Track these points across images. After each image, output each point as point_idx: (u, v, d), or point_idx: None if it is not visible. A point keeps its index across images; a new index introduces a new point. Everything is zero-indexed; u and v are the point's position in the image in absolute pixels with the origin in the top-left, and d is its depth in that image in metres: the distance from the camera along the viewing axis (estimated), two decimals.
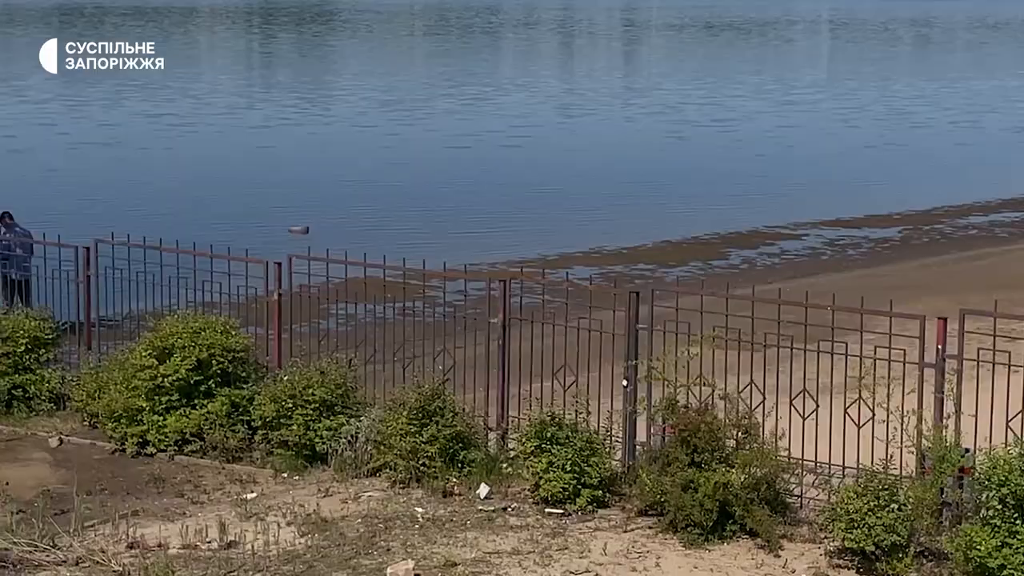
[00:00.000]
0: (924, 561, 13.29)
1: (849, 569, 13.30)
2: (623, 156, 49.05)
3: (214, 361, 16.50)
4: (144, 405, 16.68)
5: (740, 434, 14.33)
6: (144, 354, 16.72)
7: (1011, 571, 12.24)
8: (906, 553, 13.10)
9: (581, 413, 15.06)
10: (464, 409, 15.94)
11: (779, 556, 13.59)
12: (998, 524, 12.50)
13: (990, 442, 13.40)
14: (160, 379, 16.51)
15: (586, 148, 50.80)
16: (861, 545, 13.06)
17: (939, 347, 14.02)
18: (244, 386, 16.74)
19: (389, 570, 12.95)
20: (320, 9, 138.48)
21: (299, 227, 33.86)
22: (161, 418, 16.63)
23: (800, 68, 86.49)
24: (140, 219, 30.83)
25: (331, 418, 16.02)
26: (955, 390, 13.87)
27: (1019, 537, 12.30)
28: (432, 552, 13.59)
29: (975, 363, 14.03)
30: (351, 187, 41.57)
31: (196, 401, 16.62)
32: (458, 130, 53.91)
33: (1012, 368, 13.96)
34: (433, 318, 17.22)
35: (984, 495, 12.76)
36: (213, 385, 16.59)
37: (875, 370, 14.19)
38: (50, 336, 18.55)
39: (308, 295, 17.55)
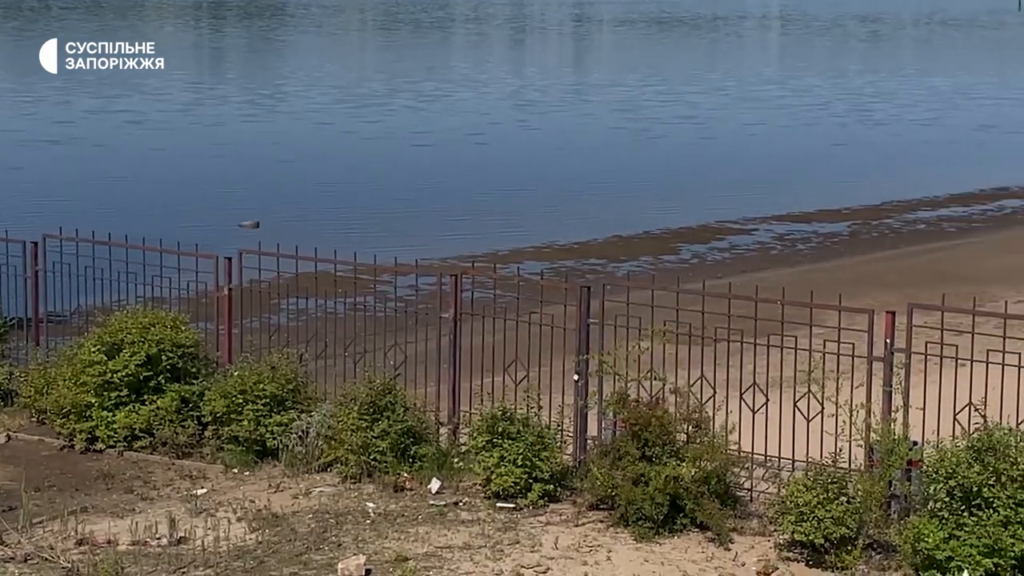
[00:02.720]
0: (873, 553, 13.38)
1: (799, 562, 13.38)
2: (576, 152, 49.01)
3: (164, 356, 16.43)
4: (93, 401, 16.59)
5: (691, 428, 14.38)
6: (93, 350, 16.63)
7: (958, 563, 12.34)
8: (855, 545, 13.19)
9: (532, 408, 15.08)
10: (415, 404, 15.92)
11: (729, 549, 13.65)
12: (946, 516, 12.61)
13: (938, 435, 13.52)
14: (109, 375, 16.42)
15: (542, 145, 50.76)
16: (810, 538, 13.14)
17: (887, 341, 14.12)
18: (194, 382, 16.68)
19: (340, 565, 12.93)
20: (266, 3, 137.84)
21: (250, 222, 33.76)
22: (110, 414, 16.54)
23: (755, 64, 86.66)
24: (91, 214, 30.60)
25: (282, 413, 15.99)
26: (903, 384, 13.98)
27: (966, 529, 12.40)
28: (383, 547, 13.58)
29: (923, 357, 14.15)
30: (303, 183, 41.42)
31: (146, 397, 16.54)
32: (412, 127, 53.70)
33: (959, 362, 14.08)
34: (384, 313, 17.19)
35: (932, 488, 12.87)
36: (163, 381, 16.52)
37: (824, 364, 14.29)
38: None
39: (259, 290, 17.49)
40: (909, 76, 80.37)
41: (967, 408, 13.58)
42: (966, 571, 12.28)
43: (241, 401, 15.98)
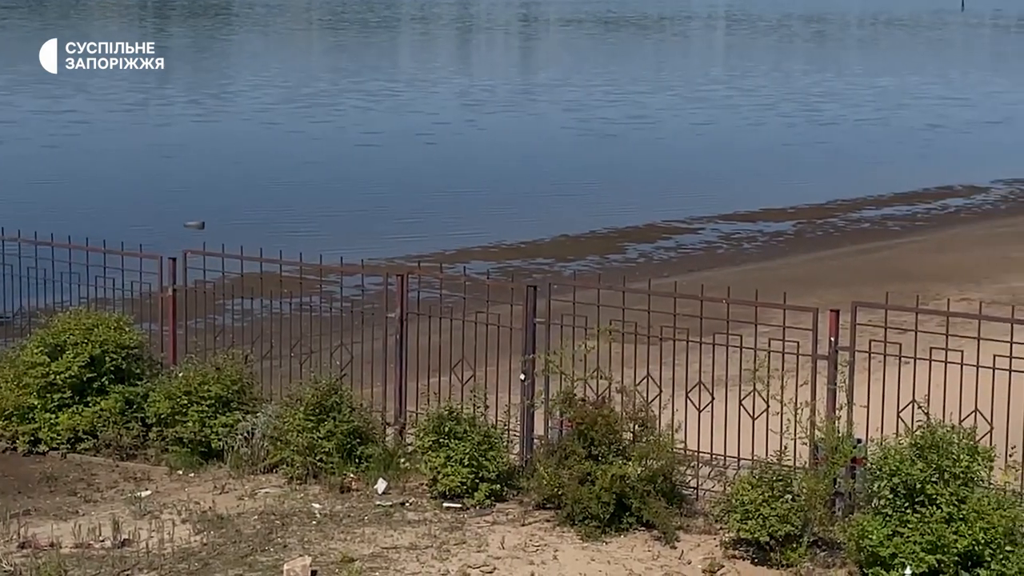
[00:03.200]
0: (817, 551, 13.46)
1: (744, 559, 13.43)
2: (524, 152, 49.07)
3: (107, 358, 16.32)
4: (36, 403, 16.46)
5: (637, 427, 14.41)
6: (36, 351, 16.50)
7: (902, 559, 12.42)
8: (800, 543, 13.26)
9: (479, 407, 15.06)
10: (362, 404, 15.88)
11: (675, 547, 13.69)
12: (889, 513, 12.70)
13: (882, 433, 13.62)
14: (52, 376, 16.30)
15: (490, 145, 50.78)
16: (756, 536, 13.20)
17: (832, 339, 14.20)
18: (138, 383, 16.57)
19: (286, 567, 12.88)
20: (211, 3, 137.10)
21: (195, 222, 33.58)
22: (53, 416, 16.41)
23: (703, 64, 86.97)
24: (34, 215, 30.34)
25: (227, 414, 15.91)
26: (847, 381, 14.07)
27: (910, 526, 12.49)
28: (329, 548, 13.53)
29: (867, 355, 14.24)
30: (249, 183, 41.24)
31: (89, 398, 16.42)
32: (360, 127, 53.58)
33: (903, 359, 14.17)
34: (330, 313, 17.15)
35: (876, 485, 12.96)
36: (107, 382, 16.40)
37: (769, 362, 14.34)
38: None
39: (204, 291, 17.40)
40: (856, 76, 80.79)
41: (910, 406, 13.67)
42: (909, 567, 12.38)
43: (186, 402, 15.89)
